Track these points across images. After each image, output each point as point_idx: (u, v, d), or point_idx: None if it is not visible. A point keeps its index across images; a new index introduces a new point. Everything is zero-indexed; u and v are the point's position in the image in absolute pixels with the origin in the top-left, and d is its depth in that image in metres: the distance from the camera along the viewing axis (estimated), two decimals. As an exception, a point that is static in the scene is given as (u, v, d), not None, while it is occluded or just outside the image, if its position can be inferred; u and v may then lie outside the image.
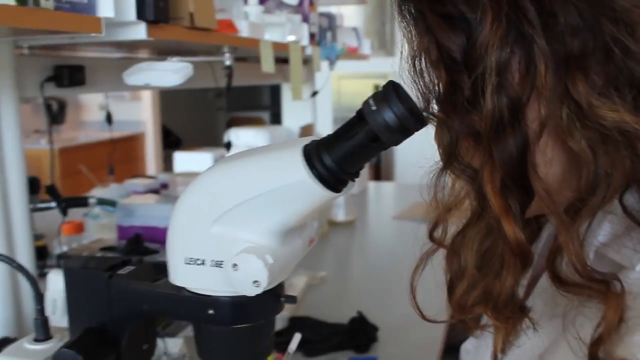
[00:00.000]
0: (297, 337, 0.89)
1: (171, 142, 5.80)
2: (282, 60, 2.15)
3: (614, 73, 0.53)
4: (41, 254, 1.57)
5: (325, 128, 3.07)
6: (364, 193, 3.11)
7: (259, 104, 7.05)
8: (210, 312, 0.68)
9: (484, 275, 0.66)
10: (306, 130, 2.98)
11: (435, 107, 0.61)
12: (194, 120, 6.67)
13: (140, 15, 1.18)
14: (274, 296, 0.71)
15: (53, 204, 1.53)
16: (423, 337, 1.37)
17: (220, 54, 1.80)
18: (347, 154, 0.62)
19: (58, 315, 1.13)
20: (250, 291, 0.63)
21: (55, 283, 1.14)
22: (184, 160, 2.68)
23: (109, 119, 2.21)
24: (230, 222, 0.65)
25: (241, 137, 2.75)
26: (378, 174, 5.12)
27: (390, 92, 0.59)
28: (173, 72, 1.39)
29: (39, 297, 0.83)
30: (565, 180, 0.58)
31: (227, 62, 1.78)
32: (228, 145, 2.23)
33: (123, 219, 1.69)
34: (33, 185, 1.47)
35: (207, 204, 0.66)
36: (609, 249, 0.59)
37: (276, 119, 5.58)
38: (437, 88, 0.60)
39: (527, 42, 0.53)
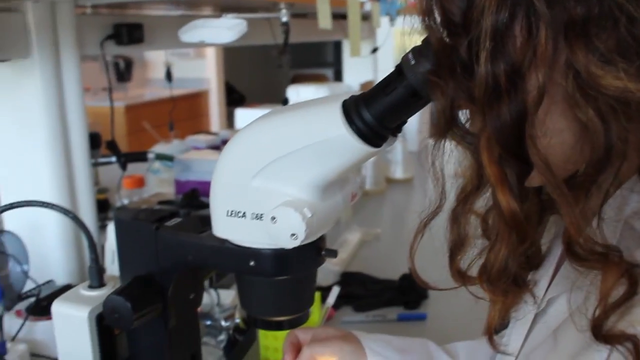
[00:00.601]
0: (335, 291, 0.91)
1: (234, 99, 5.85)
2: (341, 16, 2.13)
3: (619, 41, 0.50)
4: (103, 206, 1.63)
5: (385, 85, 3.03)
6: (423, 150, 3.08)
7: (323, 60, 7.02)
8: (252, 263, 0.70)
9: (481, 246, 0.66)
10: (366, 87, 2.94)
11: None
12: (258, 78, 6.70)
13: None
14: (315, 249, 0.72)
15: (113, 159, 1.58)
16: (473, 298, 1.36)
17: (277, 11, 1.80)
18: (386, 109, 0.62)
19: (116, 265, 1.17)
20: (288, 244, 0.64)
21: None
22: (245, 117, 2.70)
23: (168, 76, 2.25)
24: (271, 175, 0.66)
25: (301, 94, 2.75)
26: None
27: (429, 46, 0.58)
28: (227, 29, 1.40)
29: (93, 247, 0.86)
30: (569, 152, 0.55)
31: (284, 19, 1.78)
32: (285, 102, 2.23)
33: (180, 174, 1.73)
34: (94, 140, 1.52)
35: (248, 157, 0.67)
36: (636, 220, 0.57)
37: (339, 76, 5.55)
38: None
39: (526, 6, 0.51)
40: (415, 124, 2.80)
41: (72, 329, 0.84)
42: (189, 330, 0.87)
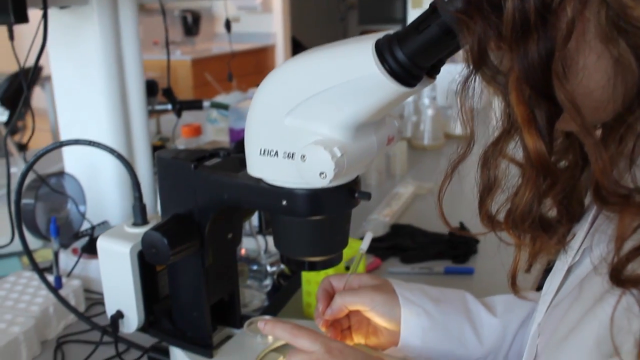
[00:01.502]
0: (368, 236, 0.90)
1: (300, 54, 5.83)
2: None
3: None
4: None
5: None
6: (486, 109, 3.01)
7: (391, 16, 6.89)
8: (284, 203, 0.70)
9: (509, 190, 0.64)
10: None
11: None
12: (324, 33, 6.66)
13: None
14: (348, 191, 0.72)
15: (169, 106, 1.61)
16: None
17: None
18: (419, 47, 0.60)
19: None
20: (317, 183, 0.64)
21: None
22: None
23: (228, 27, 2.25)
24: (303, 114, 0.66)
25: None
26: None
27: None
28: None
29: (137, 185, 0.88)
30: (599, 93, 0.53)
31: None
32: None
33: (234, 122, 1.74)
34: (151, 87, 1.54)
35: (281, 95, 0.67)
36: None
37: (406, 32, 5.44)
38: None
39: None
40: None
41: (115, 263, 0.86)
42: (226, 269, 0.89)
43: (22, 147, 2.23)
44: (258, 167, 0.70)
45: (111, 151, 0.88)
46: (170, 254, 0.77)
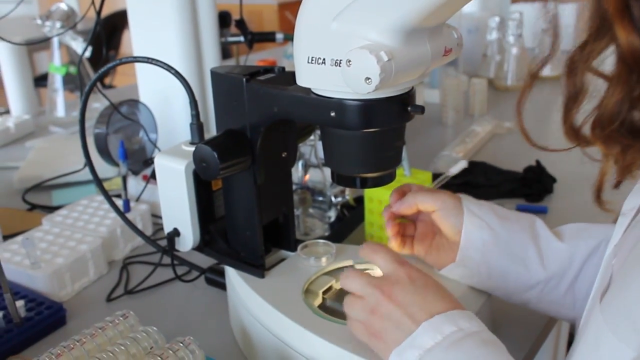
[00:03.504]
0: (462, 163, 0.86)
1: None
2: None
3: None
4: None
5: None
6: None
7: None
8: (332, 114, 0.68)
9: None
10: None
11: None
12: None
13: None
14: (401, 103, 0.68)
15: (241, 38, 1.59)
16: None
17: None
18: None
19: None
20: (362, 89, 0.61)
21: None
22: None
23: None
24: (350, 18, 0.62)
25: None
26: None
27: None
28: None
29: (195, 103, 0.87)
30: None
31: None
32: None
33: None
34: (224, 19, 1.53)
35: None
36: None
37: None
38: None
39: None
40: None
41: (171, 181, 0.87)
42: (280, 189, 0.87)
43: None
44: (306, 76, 0.67)
45: (168, 68, 0.87)
46: (219, 167, 0.76)
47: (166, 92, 1.40)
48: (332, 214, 1.20)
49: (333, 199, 1.22)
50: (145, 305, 1.01)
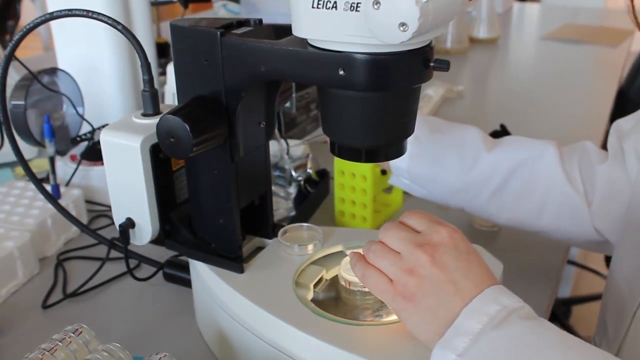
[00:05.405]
0: None
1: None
2: None
3: None
4: (163, 51, 1.49)
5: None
6: (508, 13, 2.82)
7: None
8: (341, 72, 0.54)
9: None
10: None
11: None
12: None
13: None
14: (422, 58, 0.56)
15: (174, -2, 1.42)
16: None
17: None
18: None
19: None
20: (394, 38, 0.48)
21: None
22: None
23: None
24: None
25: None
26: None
27: None
28: None
29: (147, 66, 0.72)
30: None
31: None
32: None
33: (248, 16, 1.56)
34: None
35: None
36: None
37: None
38: None
39: None
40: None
41: (123, 161, 0.71)
42: (258, 166, 0.74)
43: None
44: (309, 24, 0.54)
45: (115, 23, 0.71)
46: (193, 143, 0.61)
47: (91, 59, 1.22)
48: (293, 190, 1.07)
49: (293, 173, 1.09)
50: (91, 311, 0.85)
